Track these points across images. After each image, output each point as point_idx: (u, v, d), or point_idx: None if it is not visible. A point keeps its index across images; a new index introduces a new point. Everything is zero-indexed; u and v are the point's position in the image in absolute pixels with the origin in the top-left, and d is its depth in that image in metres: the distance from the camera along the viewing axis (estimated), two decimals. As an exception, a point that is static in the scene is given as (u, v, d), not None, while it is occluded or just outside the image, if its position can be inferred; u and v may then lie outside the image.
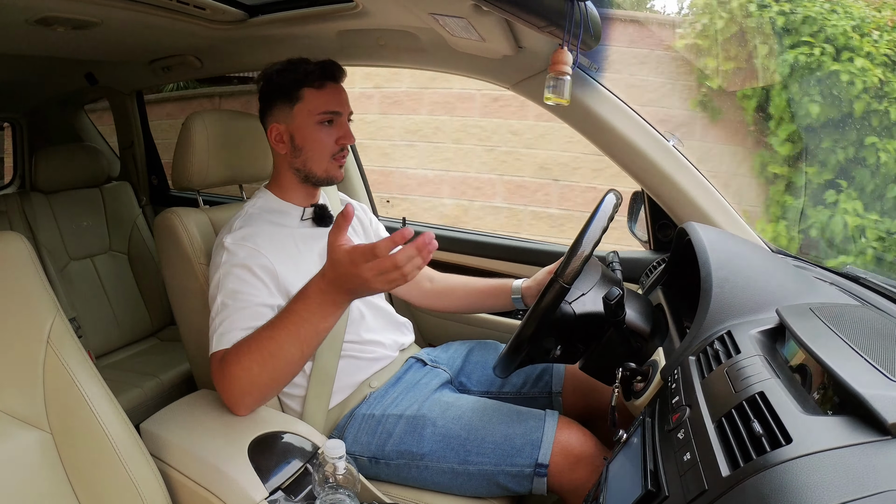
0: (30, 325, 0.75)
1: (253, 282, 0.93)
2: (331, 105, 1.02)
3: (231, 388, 0.85)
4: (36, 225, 1.79)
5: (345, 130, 1.05)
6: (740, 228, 1.13)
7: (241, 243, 0.95)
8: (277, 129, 1.04)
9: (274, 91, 1.04)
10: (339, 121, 1.04)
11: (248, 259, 0.94)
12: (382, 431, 0.97)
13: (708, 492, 0.48)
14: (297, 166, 1.05)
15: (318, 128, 1.02)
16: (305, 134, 1.02)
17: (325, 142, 1.03)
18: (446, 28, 1.02)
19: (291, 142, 1.03)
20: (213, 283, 0.94)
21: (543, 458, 0.88)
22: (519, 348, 0.84)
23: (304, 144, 1.03)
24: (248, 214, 1.03)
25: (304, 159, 1.04)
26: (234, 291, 0.91)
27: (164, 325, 2.03)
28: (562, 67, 0.90)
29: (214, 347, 0.89)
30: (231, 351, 0.86)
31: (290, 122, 1.03)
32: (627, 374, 0.81)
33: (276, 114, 1.04)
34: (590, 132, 1.17)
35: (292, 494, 0.80)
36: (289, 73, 1.02)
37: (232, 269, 0.93)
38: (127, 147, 2.17)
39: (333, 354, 1.02)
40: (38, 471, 0.72)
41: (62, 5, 1.07)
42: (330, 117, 1.03)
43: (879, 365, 0.51)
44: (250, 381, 0.84)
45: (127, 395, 1.55)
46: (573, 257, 0.80)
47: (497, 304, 1.18)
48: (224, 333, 0.88)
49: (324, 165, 1.04)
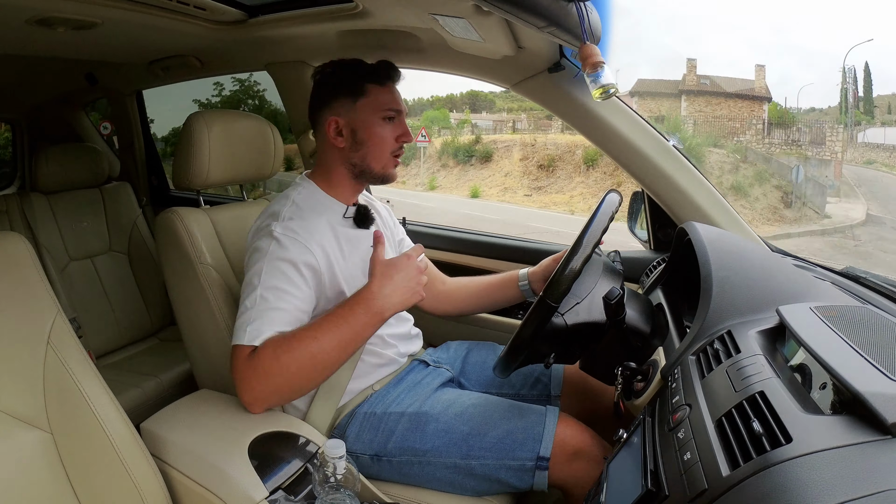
0: (30, 325, 0.75)
1: (299, 282, 0.92)
2: (395, 103, 1.03)
3: (259, 384, 0.85)
4: (36, 225, 1.79)
5: (405, 129, 1.04)
6: (740, 228, 1.13)
7: (291, 236, 0.93)
8: (337, 123, 1.01)
9: (335, 85, 1.02)
10: (399, 118, 1.04)
11: (298, 255, 0.92)
12: (385, 429, 0.97)
13: (708, 491, 0.48)
14: (356, 161, 1.03)
15: (383, 123, 1.02)
16: (369, 128, 1.01)
17: (388, 138, 1.02)
18: (446, 28, 1.02)
19: (353, 136, 1.01)
20: (252, 268, 0.92)
21: (545, 451, 0.88)
22: (518, 349, 0.84)
23: (367, 139, 1.01)
24: (295, 205, 1.00)
25: (364, 153, 1.02)
26: (277, 288, 0.90)
27: (164, 325, 2.03)
28: (594, 60, 0.88)
29: (245, 341, 0.86)
30: (266, 348, 0.85)
31: (352, 115, 1.01)
32: (627, 374, 0.81)
33: (337, 107, 1.02)
34: (590, 132, 1.17)
35: (292, 494, 0.80)
36: (350, 68, 1.02)
37: (279, 262, 0.91)
38: (127, 147, 2.17)
39: (349, 365, 1.01)
40: (38, 471, 0.72)
41: (62, 5, 1.07)
42: (393, 114, 1.02)
43: (880, 364, 0.51)
44: (285, 380, 0.84)
45: (127, 395, 1.55)
46: (563, 274, 0.80)
47: (507, 295, 1.18)
48: (259, 330, 0.86)
49: (383, 162, 1.03)
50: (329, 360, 0.86)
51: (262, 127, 1.24)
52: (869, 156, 14.20)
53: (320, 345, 0.84)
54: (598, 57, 0.89)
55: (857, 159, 14.19)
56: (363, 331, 0.88)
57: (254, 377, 0.85)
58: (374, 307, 0.87)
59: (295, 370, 0.84)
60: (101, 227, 1.96)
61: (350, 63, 1.03)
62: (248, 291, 0.90)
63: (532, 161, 13.78)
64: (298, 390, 0.88)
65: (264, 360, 0.84)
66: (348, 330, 0.86)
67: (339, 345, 0.86)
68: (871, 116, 15.50)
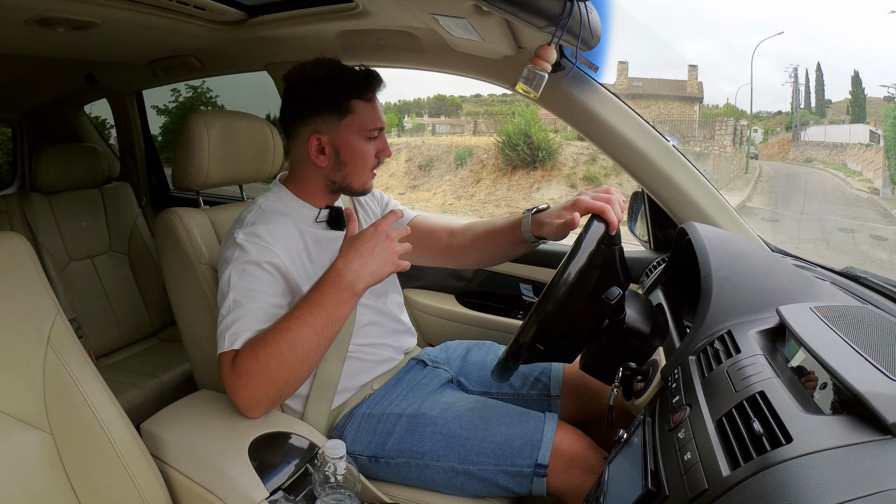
0: (30, 325, 0.75)
1: (266, 279, 0.91)
2: (380, 120, 1.00)
3: (247, 388, 0.84)
4: (36, 225, 1.79)
5: (385, 144, 1.02)
6: (740, 228, 1.13)
7: (253, 240, 0.93)
8: (320, 141, 0.98)
9: (319, 99, 0.98)
10: (381, 135, 1.01)
11: (260, 256, 0.91)
12: (383, 430, 0.97)
13: (708, 491, 0.48)
14: (335, 179, 1.01)
15: (366, 143, 0.99)
16: (353, 149, 0.98)
17: (370, 156, 1.00)
18: (446, 28, 1.02)
19: (336, 156, 0.99)
20: (223, 278, 0.92)
21: (543, 458, 0.88)
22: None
23: (351, 160, 0.99)
24: (261, 210, 1.00)
25: (346, 174, 1.00)
26: (248, 290, 0.89)
27: (164, 326, 2.03)
28: (542, 63, 0.91)
29: (225, 347, 0.86)
30: (245, 349, 0.84)
31: (335, 134, 0.97)
32: (628, 374, 0.81)
33: (319, 124, 0.98)
34: (590, 132, 1.17)
35: (292, 494, 0.80)
36: (335, 80, 0.97)
37: (245, 265, 0.91)
38: (127, 147, 2.17)
39: (338, 359, 1.01)
40: (38, 471, 0.72)
41: (62, 6, 1.07)
42: (377, 133, 1.00)
43: (880, 364, 0.51)
44: (268, 378, 0.83)
45: (127, 395, 1.55)
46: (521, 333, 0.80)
47: (512, 238, 1.05)
48: (237, 333, 0.86)
49: (363, 179, 1.02)
50: (308, 348, 0.84)
51: (262, 128, 1.24)
52: (809, 154, 14.61)
53: (296, 334, 0.83)
54: (546, 64, 0.91)
55: (797, 158, 14.63)
56: (336, 310, 0.85)
57: (239, 382, 0.84)
58: (342, 283, 0.84)
59: (275, 366, 0.83)
60: (101, 228, 1.96)
61: (333, 74, 0.97)
62: (222, 300, 0.91)
63: (414, 162, 14.25)
64: (286, 386, 0.86)
65: (245, 363, 0.83)
66: (321, 312, 0.84)
67: (315, 330, 0.83)
68: (821, 116, 15.80)
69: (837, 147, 13.57)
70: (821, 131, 15.01)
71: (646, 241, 1.39)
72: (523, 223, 1.02)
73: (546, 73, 0.91)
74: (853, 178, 12.10)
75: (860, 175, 12.06)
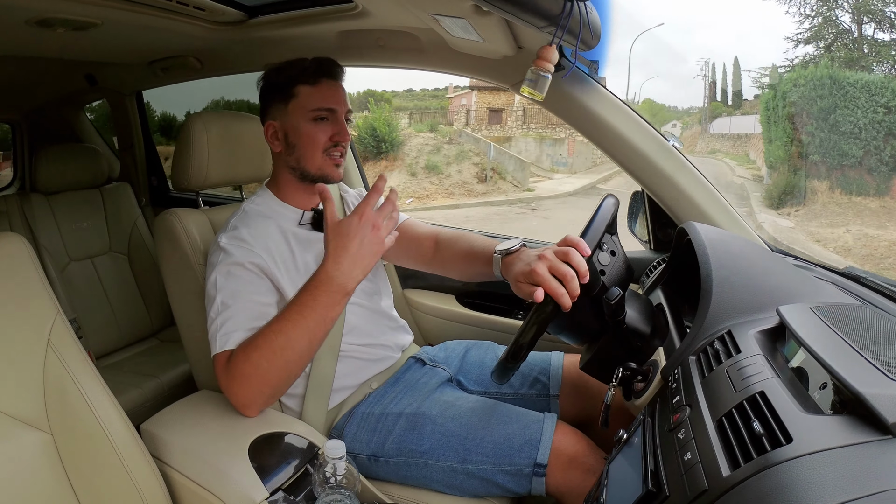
0: (30, 325, 0.75)
1: (252, 280, 0.93)
2: (325, 101, 1.01)
3: (241, 388, 0.85)
4: (36, 226, 1.79)
5: (340, 128, 1.03)
6: (740, 228, 1.13)
7: (235, 243, 0.95)
8: (273, 127, 1.04)
9: (270, 89, 1.04)
10: (334, 118, 1.03)
11: (243, 257, 0.94)
12: (382, 429, 0.97)
13: (709, 491, 0.48)
14: (292, 164, 1.04)
15: (312, 125, 1.01)
16: (298, 131, 1.02)
17: (318, 138, 1.02)
18: (446, 28, 1.02)
19: (285, 139, 1.03)
20: (209, 282, 0.94)
21: (542, 458, 0.88)
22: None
23: (297, 141, 1.02)
24: (244, 213, 1.03)
25: (298, 157, 1.03)
26: (235, 291, 0.91)
27: (164, 326, 2.03)
28: (545, 64, 0.91)
29: (218, 349, 0.88)
30: (238, 351, 0.86)
31: (284, 119, 1.02)
32: (628, 374, 0.81)
33: (272, 112, 1.04)
34: (590, 132, 1.17)
35: (292, 495, 0.80)
36: (285, 71, 1.02)
37: (229, 267, 0.93)
38: (127, 148, 2.17)
39: (331, 357, 1.02)
40: (38, 471, 0.72)
41: (62, 6, 1.07)
42: (324, 114, 1.01)
43: (880, 364, 0.51)
44: (261, 378, 0.84)
45: (127, 395, 1.55)
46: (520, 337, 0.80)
47: (484, 271, 1.02)
48: (228, 334, 0.88)
49: (317, 163, 1.03)
50: (300, 349, 0.85)
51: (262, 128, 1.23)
52: (713, 146, 14.74)
53: (287, 337, 0.84)
54: (549, 64, 0.91)
55: (703, 149, 14.78)
56: (328, 311, 0.85)
57: (234, 383, 0.85)
58: (334, 286, 0.84)
59: (267, 367, 0.84)
60: (100, 228, 1.96)
61: (283, 65, 1.03)
62: (210, 304, 0.92)
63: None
64: (280, 384, 0.87)
65: (238, 364, 0.85)
66: (312, 315, 0.84)
67: (307, 331, 0.84)
68: (735, 108, 15.92)
69: (742, 138, 13.67)
70: (726, 123, 15.10)
71: (646, 241, 1.39)
72: (494, 262, 0.96)
73: (550, 73, 0.91)
74: (744, 166, 12.08)
75: (753, 164, 12.03)
